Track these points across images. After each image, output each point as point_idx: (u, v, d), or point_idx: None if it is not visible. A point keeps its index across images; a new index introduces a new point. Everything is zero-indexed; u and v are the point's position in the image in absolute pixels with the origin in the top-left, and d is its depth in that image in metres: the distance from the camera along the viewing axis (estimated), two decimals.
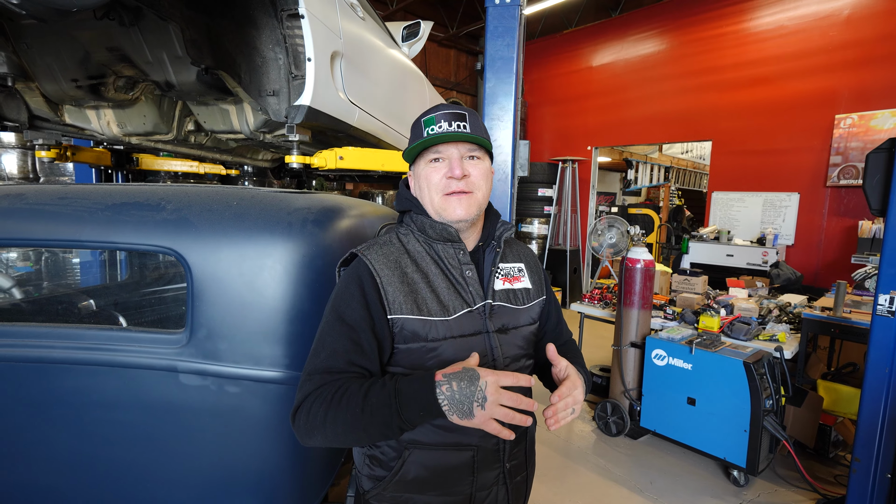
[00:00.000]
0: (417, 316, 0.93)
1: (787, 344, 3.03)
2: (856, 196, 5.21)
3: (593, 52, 7.74)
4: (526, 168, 2.32)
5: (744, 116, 6.02)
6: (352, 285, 0.94)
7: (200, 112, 2.31)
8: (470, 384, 0.78)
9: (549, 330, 1.18)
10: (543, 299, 1.12)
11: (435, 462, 0.96)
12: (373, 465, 1.00)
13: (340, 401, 0.83)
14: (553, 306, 1.18)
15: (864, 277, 3.79)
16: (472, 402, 0.77)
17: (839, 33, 5.27)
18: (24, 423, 1.31)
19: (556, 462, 3.12)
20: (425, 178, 0.99)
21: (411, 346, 0.94)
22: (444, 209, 0.97)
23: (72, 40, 1.86)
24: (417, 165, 1.01)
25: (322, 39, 2.00)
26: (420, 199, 1.02)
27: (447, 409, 0.78)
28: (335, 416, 0.83)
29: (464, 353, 0.92)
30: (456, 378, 0.79)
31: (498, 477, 1.02)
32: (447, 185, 0.96)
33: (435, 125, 0.95)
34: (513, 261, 1.10)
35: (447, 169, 0.96)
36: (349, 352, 0.90)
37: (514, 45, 2.11)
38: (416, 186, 1.03)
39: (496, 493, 1.02)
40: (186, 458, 1.28)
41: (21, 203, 1.34)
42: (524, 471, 1.09)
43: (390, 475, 0.97)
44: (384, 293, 0.93)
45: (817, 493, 2.77)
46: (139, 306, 2.38)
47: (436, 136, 0.94)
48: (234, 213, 1.27)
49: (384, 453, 0.98)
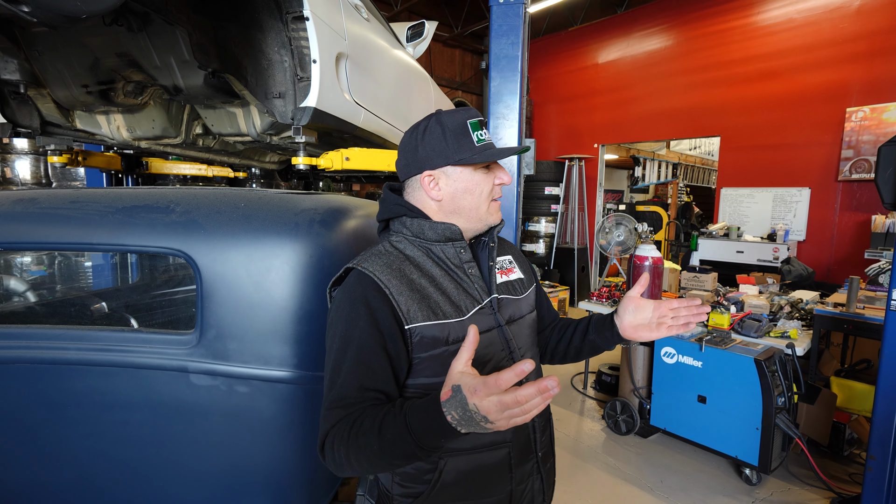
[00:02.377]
0: (434, 321, 0.91)
1: (799, 340, 2.99)
2: (868, 190, 5.13)
3: (599, 49, 7.70)
4: (532, 167, 2.32)
5: (752, 111, 5.95)
6: (356, 304, 0.89)
7: (208, 115, 2.34)
8: (463, 410, 0.69)
9: (546, 314, 1.22)
10: (535, 287, 1.17)
11: (472, 465, 0.95)
12: (405, 482, 0.97)
13: (357, 441, 0.79)
14: (541, 292, 1.23)
15: (877, 272, 3.73)
16: (479, 423, 0.69)
17: (850, 25, 5.19)
18: (39, 423, 1.33)
19: (566, 461, 3.11)
20: (478, 182, 0.98)
21: (433, 352, 0.91)
22: (491, 214, 1.02)
23: (82, 47, 1.89)
24: (463, 169, 0.97)
25: (327, 41, 2.01)
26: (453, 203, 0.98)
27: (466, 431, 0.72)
28: (357, 456, 0.80)
29: (483, 350, 0.93)
30: (452, 407, 0.71)
31: (533, 468, 1.04)
32: (496, 191, 1.02)
33: (481, 131, 0.98)
34: (502, 254, 1.12)
35: (494, 177, 1.01)
36: (360, 377, 0.86)
37: (518, 44, 2.11)
38: (448, 188, 0.98)
39: (532, 483, 1.04)
40: (197, 457, 1.29)
41: (34, 207, 1.36)
42: (552, 456, 1.12)
43: (428, 489, 0.94)
44: (397, 304, 0.89)
45: (832, 492, 2.73)
46: (150, 308, 2.41)
47: (513, 149, 0.98)
48: (241, 215, 1.29)
49: (416, 467, 0.95)
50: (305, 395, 1.25)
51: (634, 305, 1.06)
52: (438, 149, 0.96)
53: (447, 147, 0.95)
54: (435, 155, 0.96)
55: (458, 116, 0.97)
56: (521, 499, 1.02)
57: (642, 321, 1.05)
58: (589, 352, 1.18)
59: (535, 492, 1.05)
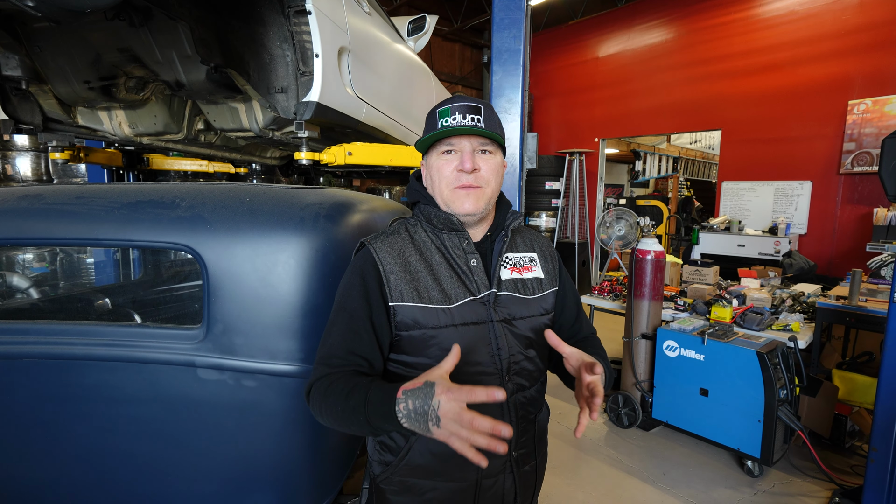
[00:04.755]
0: (418, 303, 0.95)
1: (801, 333, 3.00)
2: (870, 183, 5.12)
3: (599, 43, 7.67)
4: (534, 160, 2.31)
5: (754, 104, 5.93)
6: (354, 275, 0.98)
7: (210, 111, 2.33)
8: (424, 402, 0.73)
9: (566, 324, 1.14)
10: (556, 290, 1.10)
11: (440, 448, 0.95)
12: (382, 450, 1.03)
13: (329, 399, 0.87)
14: (570, 299, 1.14)
15: (879, 265, 3.73)
16: (428, 422, 0.73)
17: (852, 17, 5.17)
18: (47, 418, 1.34)
19: (569, 454, 3.13)
20: (437, 169, 0.99)
21: (412, 333, 0.95)
22: (452, 202, 0.98)
23: (83, 42, 1.88)
24: (430, 156, 1.02)
25: (329, 35, 2.00)
26: (430, 190, 1.03)
27: (407, 426, 0.76)
28: (326, 412, 0.88)
29: (466, 341, 0.93)
30: (412, 396, 0.75)
31: (504, 465, 1.02)
32: (457, 177, 0.97)
33: (449, 116, 0.95)
34: (524, 250, 1.09)
35: (458, 161, 0.96)
36: (348, 341, 0.93)
37: (520, 37, 2.10)
38: (427, 177, 1.04)
39: (503, 480, 1.03)
40: (205, 451, 1.30)
41: (40, 203, 1.36)
42: (533, 460, 1.09)
43: (397, 460, 1.00)
44: (386, 281, 0.95)
45: (834, 484, 2.75)
46: (157, 303, 2.41)
47: (448, 129, 0.94)
48: (247, 210, 1.29)
49: (393, 438, 1.01)
50: None
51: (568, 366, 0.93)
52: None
53: (423, 133, 1.00)
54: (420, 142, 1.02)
55: (443, 103, 0.98)
56: (488, 492, 1.01)
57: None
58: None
59: (506, 490, 1.03)
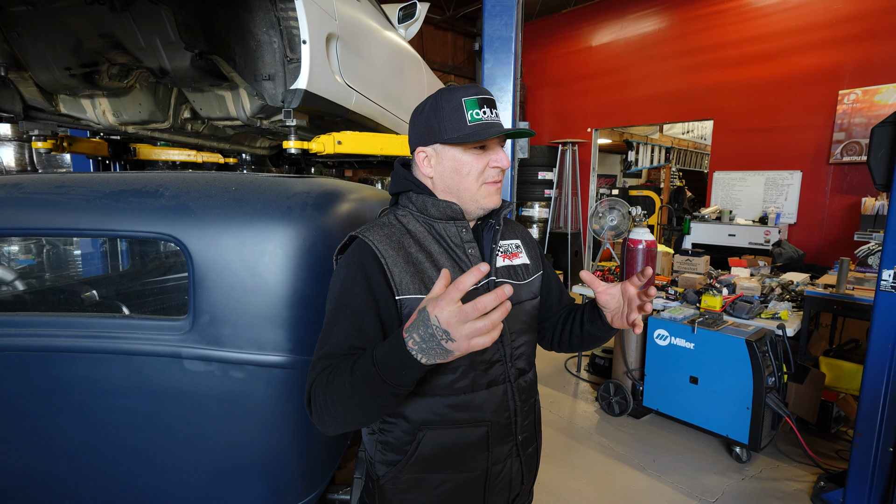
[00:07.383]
0: (425, 295, 0.92)
1: (789, 322, 3.04)
2: (859, 173, 5.16)
3: (592, 32, 7.61)
4: (526, 150, 2.29)
5: (745, 94, 5.94)
6: (354, 269, 0.92)
7: (196, 99, 2.28)
8: (426, 327, 0.69)
9: (553, 302, 1.19)
10: (541, 274, 1.15)
11: (450, 440, 0.97)
12: (385, 450, 1.00)
13: (333, 383, 0.81)
14: (552, 280, 1.20)
15: (867, 254, 3.77)
16: (440, 342, 0.69)
17: (843, 6, 5.16)
18: (32, 411, 1.32)
19: (560, 442, 3.16)
20: (465, 163, 0.96)
21: None
22: (483, 197, 0.98)
23: (63, 27, 1.83)
24: (453, 149, 0.96)
25: (317, 21, 1.96)
26: (442, 182, 0.99)
27: (425, 360, 0.72)
28: (333, 400, 0.81)
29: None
30: (414, 328, 0.71)
31: (511, 450, 1.04)
32: (491, 174, 0.98)
33: (478, 109, 0.94)
34: (510, 238, 1.11)
35: (490, 159, 0.97)
36: (351, 338, 0.88)
37: (512, 25, 2.07)
38: (435, 167, 0.99)
39: (510, 465, 1.04)
40: (193, 443, 1.29)
41: (18, 192, 1.33)
42: (535, 442, 1.12)
43: (405, 458, 0.97)
44: (390, 274, 0.91)
45: (819, 468, 2.80)
46: (142, 295, 2.38)
47: (508, 130, 0.92)
48: (233, 199, 1.26)
49: (396, 438, 0.98)
50: (300, 379, 1.24)
51: (608, 297, 1.00)
52: (431, 126, 0.96)
53: (439, 125, 0.95)
54: (427, 131, 0.97)
55: (458, 94, 0.95)
56: (497, 478, 1.02)
57: (616, 311, 1.00)
58: (590, 342, 1.14)
59: (514, 474, 1.05)
